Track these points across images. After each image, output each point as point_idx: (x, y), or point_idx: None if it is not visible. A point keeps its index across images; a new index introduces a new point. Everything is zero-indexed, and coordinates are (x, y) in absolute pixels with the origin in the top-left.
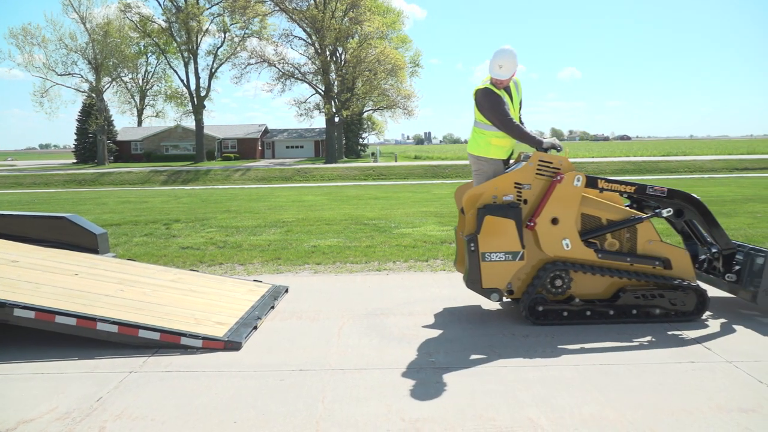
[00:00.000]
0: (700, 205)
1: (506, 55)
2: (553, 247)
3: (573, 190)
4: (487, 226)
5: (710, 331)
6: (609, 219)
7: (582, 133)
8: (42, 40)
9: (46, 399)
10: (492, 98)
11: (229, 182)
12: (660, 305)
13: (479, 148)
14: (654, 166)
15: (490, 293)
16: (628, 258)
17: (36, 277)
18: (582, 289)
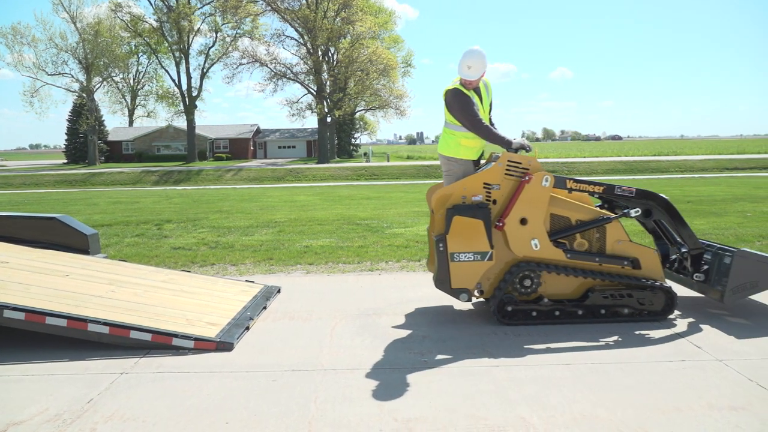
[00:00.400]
0: (668, 205)
1: (475, 56)
2: (522, 248)
3: (541, 190)
4: (455, 226)
5: (701, 329)
6: (578, 219)
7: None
8: (32, 39)
9: (36, 401)
10: (461, 99)
11: (221, 182)
12: (628, 305)
13: (449, 149)
14: (645, 165)
15: (459, 293)
16: (596, 258)
17: (26, 278)
18: (552, 289)
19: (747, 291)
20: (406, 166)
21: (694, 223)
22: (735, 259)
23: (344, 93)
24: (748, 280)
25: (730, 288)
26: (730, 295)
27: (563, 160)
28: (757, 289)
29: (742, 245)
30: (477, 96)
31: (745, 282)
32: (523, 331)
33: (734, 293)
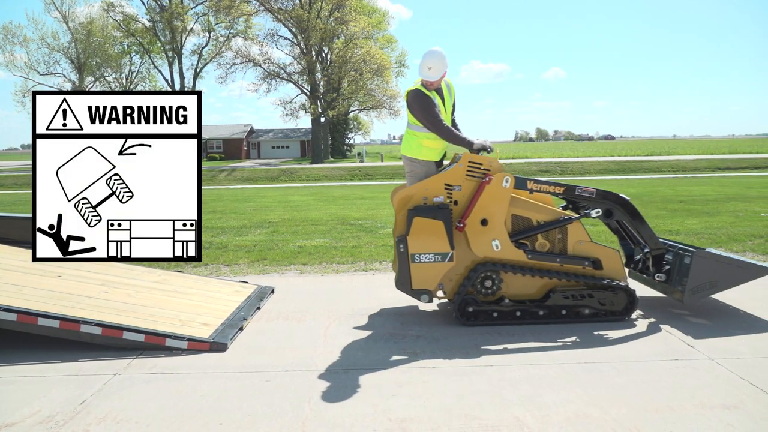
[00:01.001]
0: (629, 205)
1: (435, 57)
2: (482, 248)
3: (502, 191)
4: (416, 227)
5: (694, 328)
6: (539, 220)
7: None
8: (23, 39)
9: (29, 402)
10: (422, 100)
11: (214, 183)
12: (589, 305)
13: (411, 150)
14: (638, 165)
15: (419, 294)
16: (557, 258)
17: (18, 279)
18: (514, 289)
19: (707, 291)
20: (399, 166)
21: (686, 223)
22: (694, 260)
23: (338, 93)
24: (708, 280)
25: (690, 288)
26: (690, 296)
27: (556, 160)
28: (716, 288)
29: (734, 245)
30: (439, 97)
31: (705, 282)
32: (516, 331)
33: (694, 293)
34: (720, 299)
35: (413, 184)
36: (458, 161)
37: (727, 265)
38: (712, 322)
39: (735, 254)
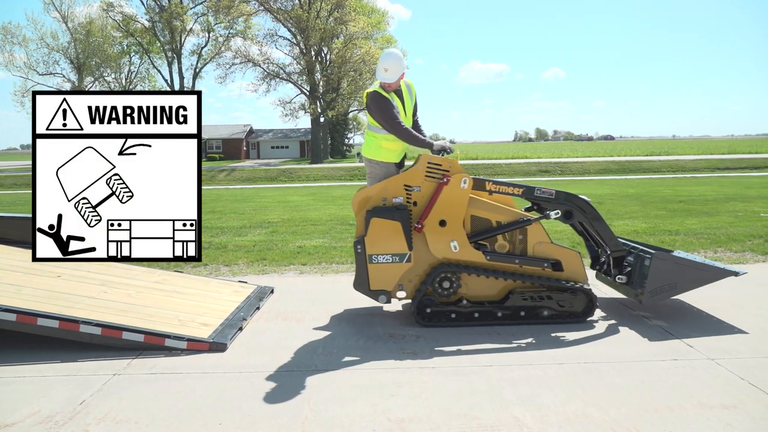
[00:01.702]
0: (589, 207)
1: (391, 59)
2: (441, 249)
3: (460, 192)
4: (373, 228)
5: (692, 328)
6: (498, 221)
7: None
8: (23, 39)
9: (28, 402)
10: (380, 102)
11: (213, 183)
12: (548, 306)
13: (371, 151)
14: (637, 165)
15: (377, 295)
16: (516, 260)
17: (17, 279)
18: (475, 291)
19: (666, 293)
20: None
21: (685, 223)
22: (653, 262)
23: (337, 93)
24: (667, 282)
25: (649, 290)
26: (648, 297)
27: (556, 160)
28: (676, 291)
29: (733, 245)
30: (398, 98)
31: (664, 284)
32: (516, 331)
33: (653, 295)
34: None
35: (373, 185)
36: (418, 162)
37: (686, 268)
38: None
39: (701, 257)
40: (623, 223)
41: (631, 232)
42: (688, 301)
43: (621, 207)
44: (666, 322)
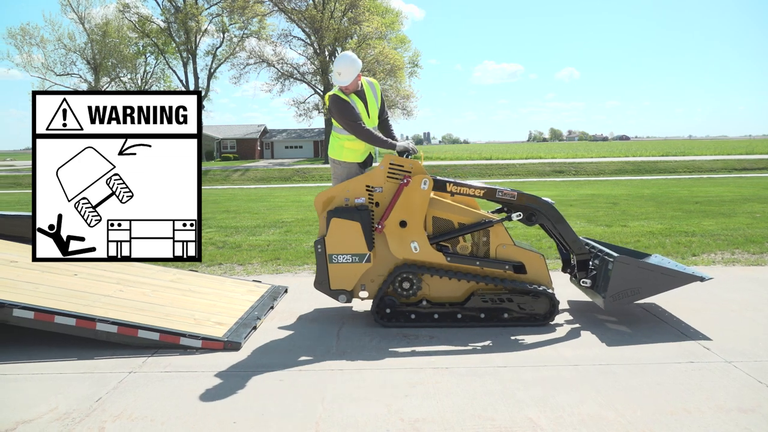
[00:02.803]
0: (551, 209)
1: (343, 62)
2: (401, 250)
3: (420, 193)
4: (333, 228)
5: (708, 330)
6: (461, 222)
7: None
8: (40, 40)
9: (46, 399)
10: (339, 104)
11: (228, 182)
12: (509, 309)
13: (334, 152)
14: (653, 166)
15: (337, 294)
16: (477, 261)
17: (35, 278)
18: (437, 292)
19: (629, 298)
20: None
21: (702, 224)
22: (615, 266)
23: None
24: (630, 287)
25: (611, 294)
26: (610, 302)
27: (570, 161)
28: (639, 296)
29: (751, 246)
30: (360, 100)
31: (626, 289)
32: (530, 332)
33: (615, 299)
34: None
35: (336, 186)
36: (381, 163)
37: (649, 273)
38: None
39: (675, 262)
40: (639, 224)
41: (646, 233)
42: (703, 303)
43: (636, 208)
44: (681, 324)
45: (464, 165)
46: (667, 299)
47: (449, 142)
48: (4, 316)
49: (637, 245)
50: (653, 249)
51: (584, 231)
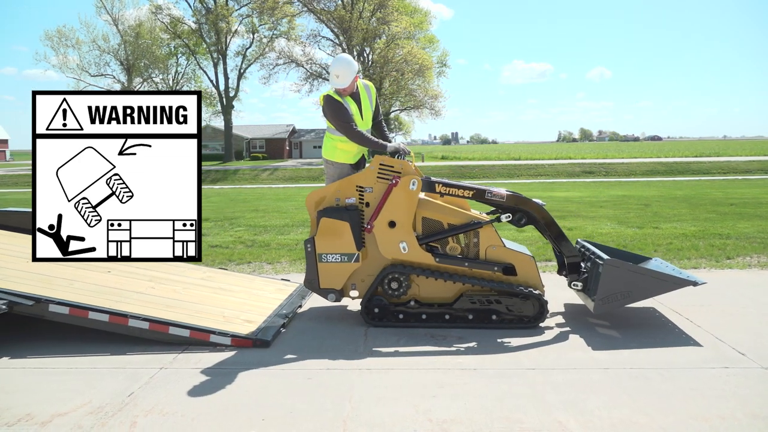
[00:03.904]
0: (540, 210)
1: (341, 64)
2: (390, 250)
3: (408, 193)
4: (323, 227)
5: (743, 335)
6: (450, 223)
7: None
8: (76, 41)
9: (80, 393)
10: (332, 105)
11: (257, 182)
12: (497, 310)
13: (327, 152)
14: (686, 167)
15: (327, 293)
16: (466, 263)
17: (70, 274)
18: (427, 292)
19: (619, 301)
20: (440, 166)
21: (737, 227)
22: (604, 269)
23: (379, 93)
24: (620, 290)
25: (600, 297)
26: (600, 305)
27: (600, 161)
28: (630, 299)
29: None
30: (354, 102)
31: (616, 292)
32: (559, 335)
33: (604, 303)
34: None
35: (327, 186)
36: (371, 163)
37: (640, 276)
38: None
39: (672, 266)
40: (671, 225)
41: (679, 236)
42: (740, 308)
43: (669, 209)
44: (716, 329)
45: (492, 165)
46: (701, 302)
47: (477, 142)
48: (40, 311)
49: (669, 247)
50: (686, 252)
51: (615, 233)
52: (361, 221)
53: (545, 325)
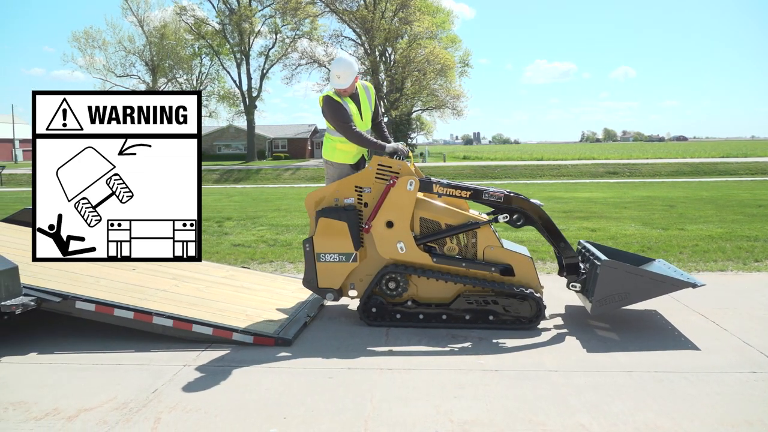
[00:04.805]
0: (539, 211)
1: (343, 66)
2: (387, 250)
3: (406, 193)
4: (321, 227)
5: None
6: (447, 223)
7: (636, 133)
8: (102, 43)
9: (105, 389)
10: (332, 106)
11: (279, 181)
12: (493, 311)
13: (327, 153)
14: (712, 167)
15: (325, 293)
16: (463, 263)
17: (97, 272)
18: (426, 293)
19: (616, 302)
20: (462, 167)
21: (765, 229)
22: (601, 270)
23: (401, 93)
24: (617, 291)
25: (597, 299)
26: (597, 306)
27: (625, 162)
28: (627, 300)
29: None
30: (354, 103)
31: (614, 293)
32: (582, 337)
33: (601, 304)
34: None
35: (326, 186)
36: (369, 164)
37: (637, 277)
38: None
39: (675, 268)
40: (697, 227)
41: (705, 237)
42: (765, 311)
43: (694, 211)
44: (743, 333)
45: (515, 165)
46: (728, 305)
47: (499, 143)
48: (67, 307)
49: (695, 249)
50: (713, 254)
51: (639, 234)
52: (360, 221)
53: (565, 327)
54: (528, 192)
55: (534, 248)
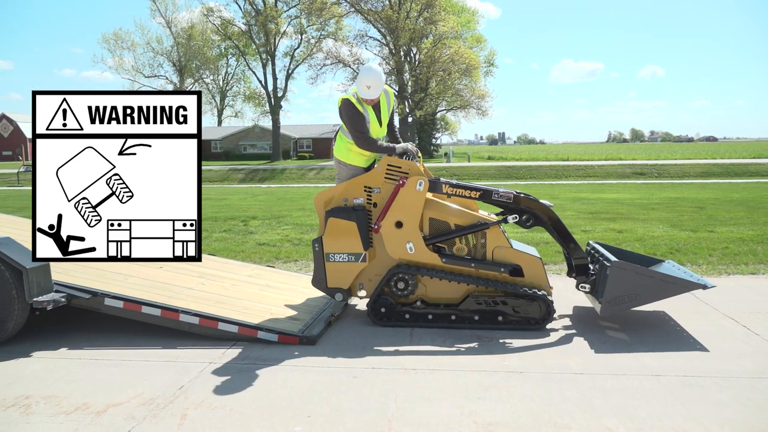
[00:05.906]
0: (547, 211)
1: (374, 76)
2: (396, 250)
3: (415, 194)
4: (330, 227)
5: None
6: (457, 224)
7: (664, 134)
8: (131, 44)
9: (133, 385)
10: (350, 112)
11: (303, 181)
12: (503, 311)
13: (340, 153)
14: (743, 168)
15: (334, 292)
16: (472, 263)
17: (125, 269)
18: (435, 293)
19: (626, 303)
20: (487, 167)
21: None
22: (611, 271)
23: (426, 93)
24: (627, 292)
25: (607, 300)
26: (607, 307)
27: (653, 162)
28: (638, 302)
29: None
30: (374, 111)
31: (624, 294)
32: (608, 339)
33: (611, 305)
34: None
35: (336, 186)
36: (379, 164)
37: (648, 278)
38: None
39: (685, 269)
40: (727, 229)
41: (735, 240)
42: None
43: (724, 212)
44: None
45: (540, 166)
46: (758, 309)
47: (524, 143)
48: (96, 304)
49: (725, 252)
50: (744, 257)
51: (668, 236)
52: (369, 221)
53: (588, 329)
54: (554, 193)
55: (543, 250)
